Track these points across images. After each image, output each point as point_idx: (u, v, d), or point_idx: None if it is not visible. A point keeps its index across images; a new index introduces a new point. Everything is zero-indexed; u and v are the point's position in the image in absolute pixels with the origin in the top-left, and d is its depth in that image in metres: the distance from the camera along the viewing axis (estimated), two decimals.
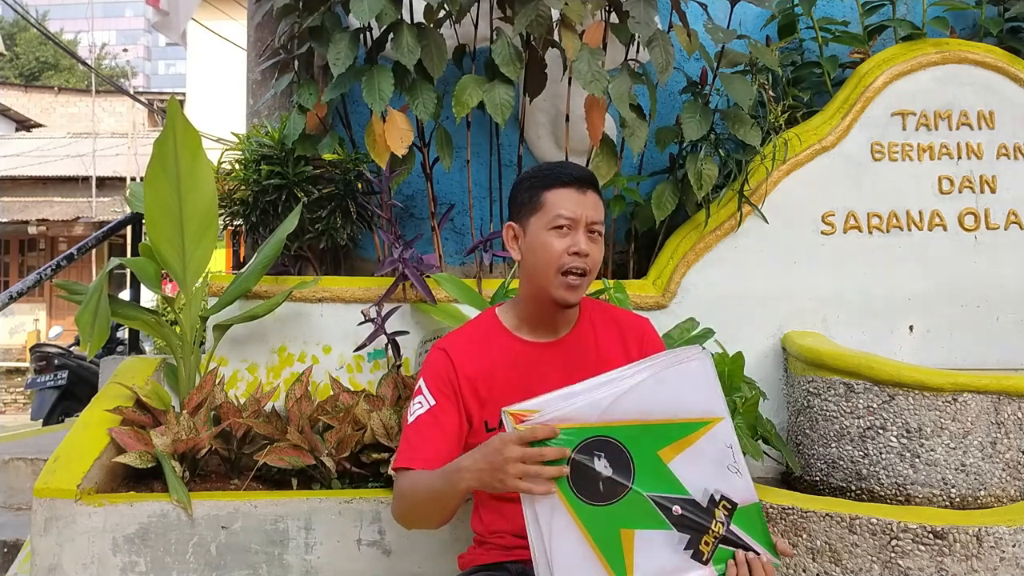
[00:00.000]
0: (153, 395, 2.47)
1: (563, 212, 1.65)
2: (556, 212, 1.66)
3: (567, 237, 1.65)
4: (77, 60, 23.55)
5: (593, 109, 2.80)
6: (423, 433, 1.64)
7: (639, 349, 1.76)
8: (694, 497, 1.44)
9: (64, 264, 3.59)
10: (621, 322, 1.80)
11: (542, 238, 1.67)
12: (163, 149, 2.43)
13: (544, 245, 1.66)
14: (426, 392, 1.68)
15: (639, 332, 1.79)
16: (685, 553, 1.42)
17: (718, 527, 1.45)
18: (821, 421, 2.66)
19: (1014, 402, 2.49)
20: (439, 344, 1.76)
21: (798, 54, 3.41)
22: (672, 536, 1.42)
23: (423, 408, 1.67)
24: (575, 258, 1.64)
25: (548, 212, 1.67)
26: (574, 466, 1.38)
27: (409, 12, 2.82)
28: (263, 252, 2.67)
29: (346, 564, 2.17)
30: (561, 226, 1.65)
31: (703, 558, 1.43)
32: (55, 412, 7.04)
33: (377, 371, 2.76)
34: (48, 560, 2.11)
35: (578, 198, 1.66)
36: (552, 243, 1.66)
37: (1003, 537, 2.13)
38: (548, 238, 1.66)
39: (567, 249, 1.65)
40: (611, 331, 1.77)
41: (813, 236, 3.04)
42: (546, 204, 1.67)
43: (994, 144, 3.13)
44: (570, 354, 1.73)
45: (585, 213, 1.66)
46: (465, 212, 3.25)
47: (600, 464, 1.40)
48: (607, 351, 1.75)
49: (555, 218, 1.66)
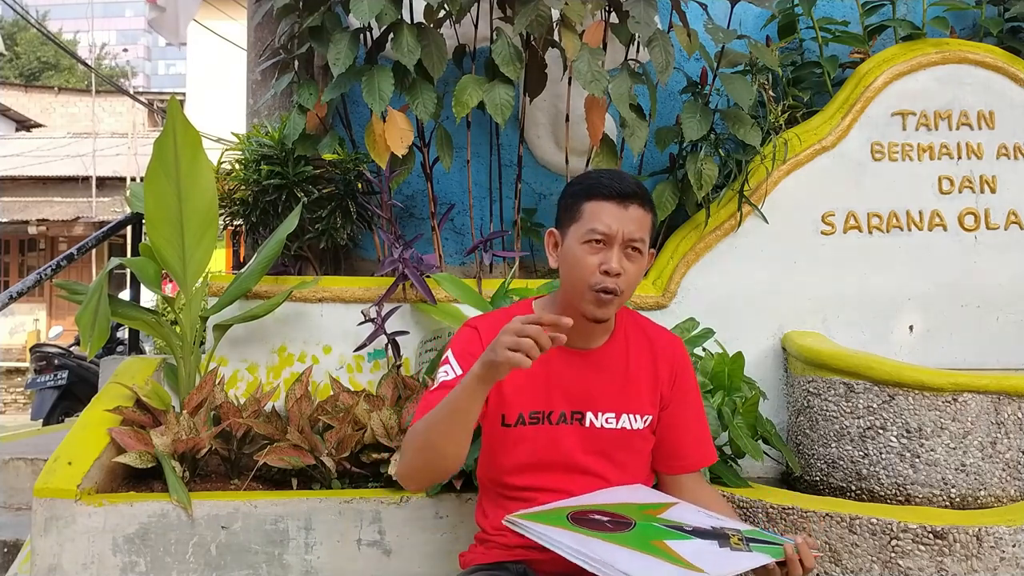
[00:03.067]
0: (153, 395, 2.47)
1: (598, 227, 1.59)
2: (591, 226, 1.60)
3: (600, 253, 1.60)
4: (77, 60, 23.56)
5: (593, 109, 2.80)
6: (444, 396, 1.58)
7: (669, 371, 1.74)
8: (700, 526, 1.47)
9: (64, 264, 3.59)
10: (654, 340, 1.76)
11: (576, 251, 1.62)
12: (163, 149, 2.43)
13: (577, 258, 1.61)
14: (453, 362, 1.63)
15: (670, 353, 1.76)
16: (722, 550, 1.42)
17: (735, 537, 1.46)
18: (821, 421, 2.65)
19: (1014, 402, 2.49)
20: (471, 322, 1.72)
21: (798, 54, 3.41)
22: (699, 542, 1.42)
23: (448, 376, 1.61)
24: (605, 277, 1.59)
25: (584, 224, 1.61)
26: (574, 519, 1.41)
27: (409, 12, 2.82)
28: (263, 252, 2.67)
29: (346, 564, 2.17)
30: (595, 240, 1.60)
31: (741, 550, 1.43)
32: (55, 412, 7.05)
33: (377, 371, 2.75)
34: (48, 560, 2.11)
35: (617, 213, 1.59)
36: (585, 257, 1.60)
37: (1003, 537, 2.12)
38: (581, 252, 1.61)
39: (599, 266, 1.59)
40: (643, 349, 1.74)
41: (813, 236, 3.04)
42: (584, 215, 1.62)
43: (994, 144, 3.13)
44: (598, 367, 1.70)
45: (623, 229, 1.59)
46: (465, 212, 3.25)
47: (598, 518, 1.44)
48: (636, 370, 1.72)
49: (589, 232, 1.60)
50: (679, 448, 1.75)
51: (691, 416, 1.77)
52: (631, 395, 1.70)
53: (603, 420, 1.68)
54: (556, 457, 1.67)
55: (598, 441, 1.68)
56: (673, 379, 1.74)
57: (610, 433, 1.68)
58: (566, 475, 1.67)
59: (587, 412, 1.68)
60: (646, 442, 1.73)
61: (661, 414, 1.73)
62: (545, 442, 1.67)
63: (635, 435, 1.70)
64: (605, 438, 1.68)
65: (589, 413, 1.68)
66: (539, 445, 1.67)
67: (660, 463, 1.77)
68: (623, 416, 1.69)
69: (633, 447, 1.71)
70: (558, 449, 1.67)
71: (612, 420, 1.68)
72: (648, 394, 1.72)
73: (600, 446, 1.68)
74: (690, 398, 1.77)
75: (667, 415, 1.74)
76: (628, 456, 1.70)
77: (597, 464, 1.67)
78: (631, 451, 1.70)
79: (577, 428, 1.68)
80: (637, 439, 1.71)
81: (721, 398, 2.39)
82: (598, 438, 1.68)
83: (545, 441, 1.67)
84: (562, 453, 1.67)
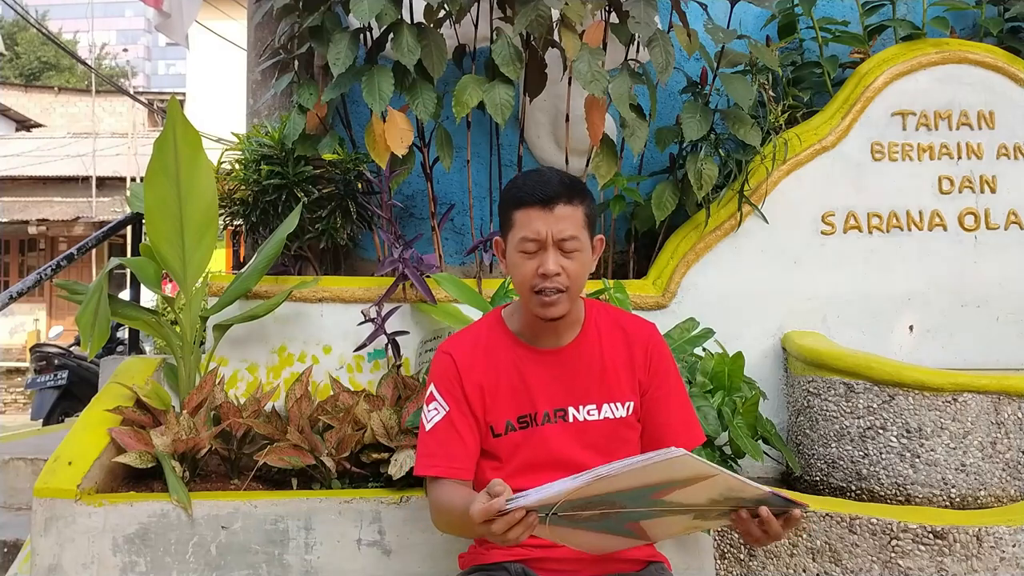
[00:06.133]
0: (153, 395, 2.47)
1: (528, 234, 1.62)
2: (522, 234, 1.63)
3: (535, 257, 1.63)
4: (77, 60, 23.57)
5: (593, 109, 2.80)
6: (441, 439, 1.66)
7: (644, 356, 1.75)
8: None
9: (64, 264, 3.59)
10: (626, 327, 1.78)
11: (514, 258, 1.66)
12: (163, 149, 2.43)
13: (516, 265, 1.66)
14: (439, 398, 1.69)
15: (644, 337, 1.78)
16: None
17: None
18: (821, 421, 2.65)
19: (1014, 402, 2.49)
20: (444, 348, 1.76)
21: (798, 54, 3.41)
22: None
23: (439, 415, 1.68)
24: (543, 279, 1.62)
25: (516, 233, 1.65)
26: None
27: (409, 12, 2.82)
28: (263, 252, 2.67)
29: (346, 564, 2.17)
30: (527, 250, 1.63)
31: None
32: (55, 412, 7.05)
33: (377, 371, 2.75)
34: (48, 560, 2.11)
35: (543, 217, 1.62)
36: (523, 264, 1.64)
37: (1003, 537, 2.13)
38: (519, 259, 1.64)
39: (536, 271, 1.62)
40: (616, 337, 1.76)
41: (813, 236, 3.04)
42: (516, 224, 1.65)
43: (994, 144, 3.13)
44: (574, 362, 1.72)
45: (551, 230, 1.61)
46: (465, 212, 3.25)
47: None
48: (612, 359, 1.73)
49: (521, 240, 1.63)
50: (664, 432, 1.75)
51: (673, 399, 1.78)
52: (609, 384, 1.72)
53: (585, 413, 1.70)
54: (548, 457, 1.68)
55: (585, 435, 1.70)
56: (648, 363, 1.75)
57: (595, 425, 1.70)
58: (560, 474, 1.66)
59: (569, 408, 1.70)
60: (632, 430, 1.74)
61: (643, 400, 1.75)
62: (535, 444, 1.69)
63: (620, 424, 1.71)
64: (592, 431, 1.70)
65: (571, 408, 1.70)
66: (530, 448, 1.69)
67: (648, 449, 1.78)
68: (604, 406, 1.71)
69: (621, 436, 1.72)
70: (548, 448, 1.69)
71: (594, 411, 1.71)
72: (627, 381, 1.73)
73: (588, 439, 1.70)
74: (670, 381, 1.78)
75: (649, 400, 1.75)
76: (617, 447, 1.71)
77: (589, 459, 1.68)
78: (619, 441, 1.72)
79: (562, 425, 1.70)
80: (623, 428, 1.72)
81: (721, 398, 2.39)
82: (585, 431, 1.70)
83: (535, 443, 1.69)
84: (553, 452, 1.68)
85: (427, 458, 1.67)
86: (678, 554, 2.14)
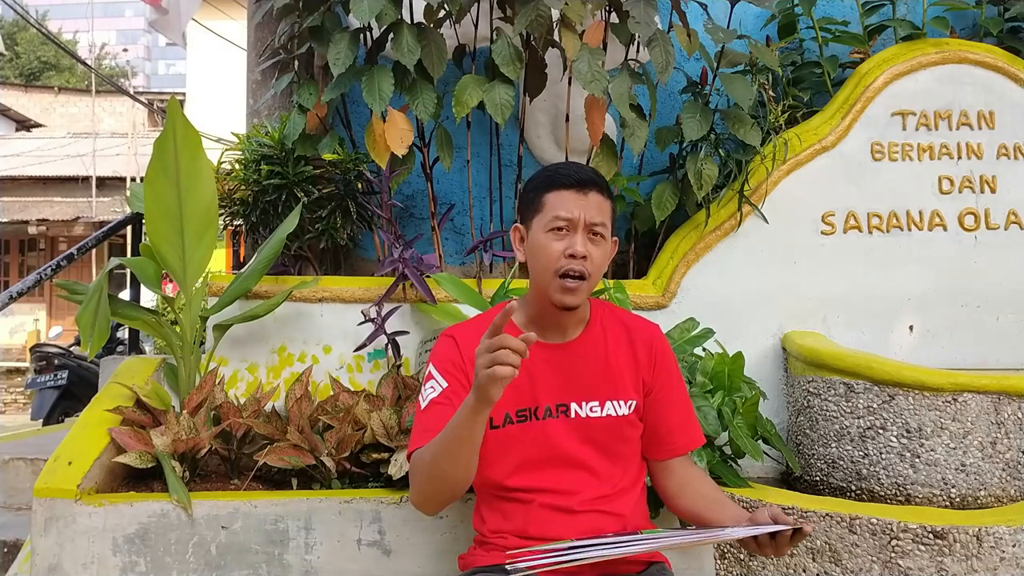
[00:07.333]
0: (153, 395, 2.47)
1: (561, 213, 1.65)
2: (554, 213, 1.65)
3: (565, 239, 1.65)
4: (77, 60, 23.57)
5: (593, 109, 2.80)
6: (437, 415, 1.63)
7: (648, 356, 1.76)
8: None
9: (64, 264, 3.59)
10: (630, 327, 1.79)
11: (541, 240, 1.67)
12: (163, 149, 2.43)
13: (543, 247, 1.66)
14: (437, 376, 1.68)
15: (649, 337, 1.78)
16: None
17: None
18: (821, 421, 2.66)
19: (1014, 402, 2.49)
20: (448, 331, 1.75)
21: (798, 54, 3.41)
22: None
23: (435, 391, 1.66)
24: (571, 260, 1.63)
25: (547, 214, 1.66)
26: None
27: (409, 12, 2.82)
28: (263, 252, 2.67)
29: (346, 564, 2.17)
30: (559, 228, 1.65)
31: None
32: (55, 412, 7.05)
33: (377, 371, 2.75)
34: (48, 560, 2.11)
35: (578, 199, 1.65)
36: (550, 244, 1.65)
37: (1003, 537, 2.13)
38: (546, 240, 1.66)
39: (564, 251, 1.64)
40: (621, 336, 1.76)
41: (813, 236, 3.04)
42: (546, 206, 1.67)
43: (994, 144, 3.13)
44: (578, 358, 1.72)
45: (584, 214, 1.65)
46: (465, 212, 3.25)
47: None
48: (616, 357, 1.74)
49: (553, 220, 1.65)
50: (666, 433, 1.76)
51: (675, 400, 1.79)
52: (613, 382, 1.72)
53: (588, 409, 1.70)
54: (547, 453, 1.68)
55: (587, 431, 1.69)
56: (653, 364, 1.76)
57: (597, 422, 1.70)
58: (559, 471, 1.67)
59: (571, 403, 1.70)
60: (634, 429, 1.74)
61: (646, 400, 1.75)
62: (535, 438, 1.68)
63: (622, 422, 1.71)
64: (593, 428, 1.70)
65: (573, 404, 1.70)
66: (529, 442, 1.68)
67: (649, 449, 1.79)
68: (607, 403, 1.71)
69: (622, 435, 1.72)
70: (548, 444, 1.68)
71: (597, 408, 1.70)
72: (630, 380, 1.74)
73: (589, 436, 1.69)
74: (673, 382, 1.79)
75: (652, 401, 1.75)
76: (618, 445, 1.71)
77: (589, 457, 1.68)
78: (620, 439, 1.72)
79: (564, 420, 1.69)
80: (625, 426, 1.72)
81: (721, 398, 2.39)
82: (586, 428, 1.69)
83: (535, 437, 1.68)
84: (552, 447, 1.68)
85: (422, 434, 1.63)
86: (678, 554, 2.14)
